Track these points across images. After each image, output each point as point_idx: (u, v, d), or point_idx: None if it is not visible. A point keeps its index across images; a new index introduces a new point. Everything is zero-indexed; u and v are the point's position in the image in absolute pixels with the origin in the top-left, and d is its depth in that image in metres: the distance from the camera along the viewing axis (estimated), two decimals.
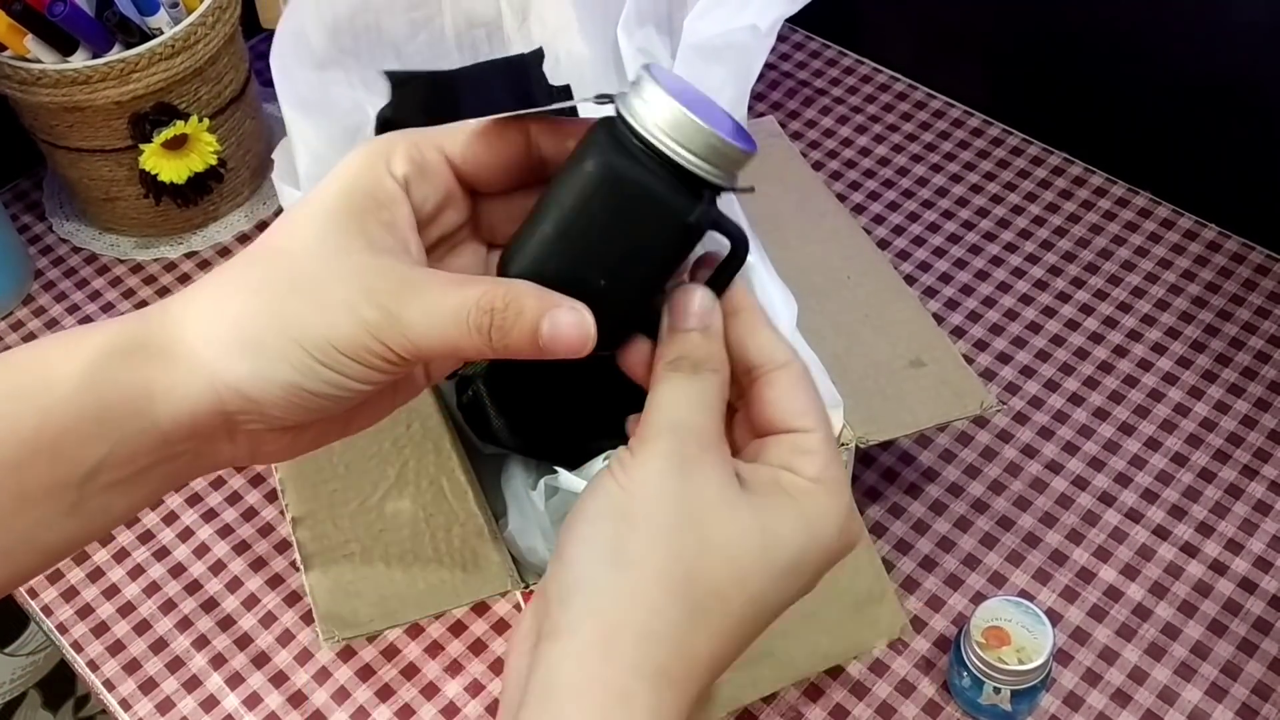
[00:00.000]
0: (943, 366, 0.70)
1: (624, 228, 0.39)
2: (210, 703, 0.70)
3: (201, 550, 0.77)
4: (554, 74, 0.73)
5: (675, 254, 0.40)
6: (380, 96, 0.69)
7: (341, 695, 0.70)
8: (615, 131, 0.39)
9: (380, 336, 0.38)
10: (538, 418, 0.68)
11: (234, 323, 0.38)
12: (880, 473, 0.78)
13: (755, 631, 0.38)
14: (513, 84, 0.73)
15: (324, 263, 0.38)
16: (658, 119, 0.38)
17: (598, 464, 0.65)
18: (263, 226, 0.94)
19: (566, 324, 0.38)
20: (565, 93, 0.75)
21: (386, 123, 0.64)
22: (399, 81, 0.64)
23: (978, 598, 0.72)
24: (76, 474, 0.38)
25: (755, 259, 0.65)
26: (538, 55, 0.75)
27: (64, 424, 0.37)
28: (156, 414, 0.38)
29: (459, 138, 0.42)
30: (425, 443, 0.67)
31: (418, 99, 0.65)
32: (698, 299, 0.40)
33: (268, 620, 0.73)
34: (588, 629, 0.36)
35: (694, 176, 0.39)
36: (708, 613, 0.37)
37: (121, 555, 0.76)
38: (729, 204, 0.72)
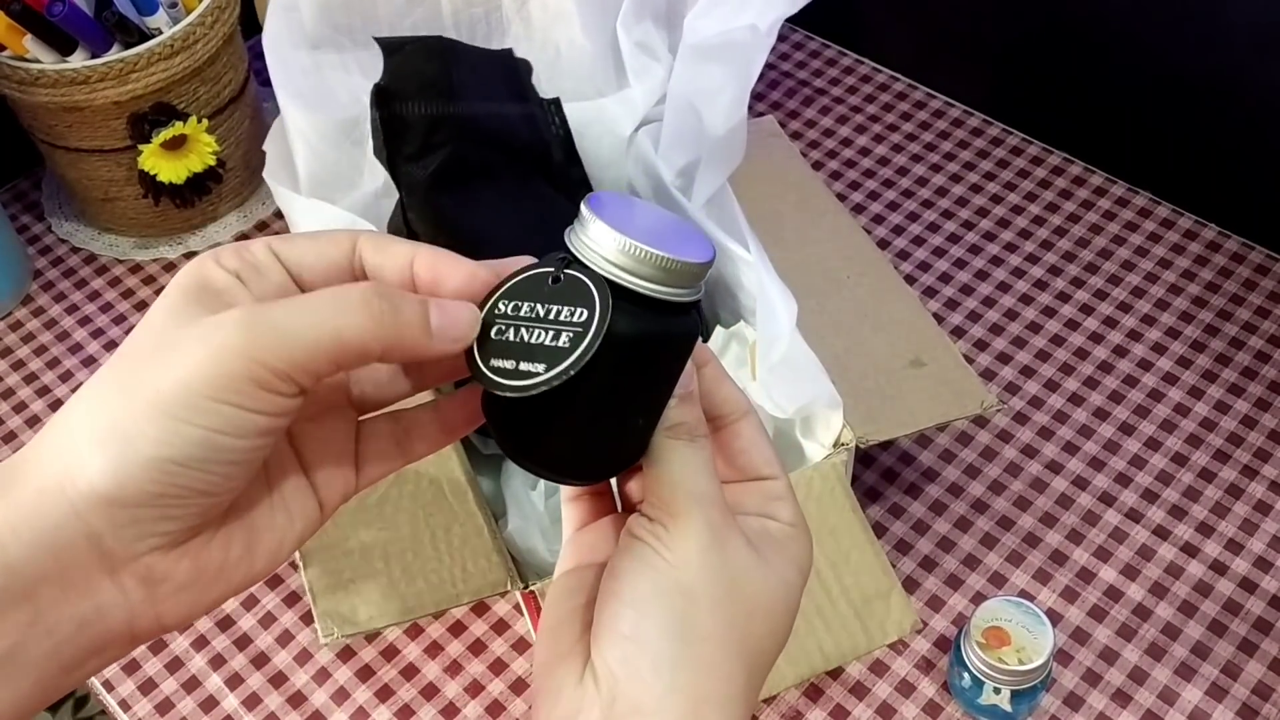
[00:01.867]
0: (943, 366, 0.70)
1: (630, 375, 0.38)
2: (210, 703, 0.70)
3: None
4: (554, 66, 0.73)
5: (672, 371, 0.40)
6: (376, 78, 0.68)
7: (341, 695, 0.70)
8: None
9: (249, 353, 0.33)
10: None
11: (85, 418, 0.34)
12: (880, 473, 0.78)
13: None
14: (509, 77, 0.72)
15: (173, 329, 0.35)
16: (611, 256, 0.36)
17: None
18: (261, 227, 0.94)
19: (454, 308, 0.37)
20: (555, 106, 0.74)
21: (381, 92, 0.63)
22: (391, 48, 0.64)
23: (978, 598, 0.72)
24: None
25: (755, 258, 0.65)
26: (526, 65, 0.75)
27: None
28: (7, 554, 0.32)
29: (286, 239, 0.39)
30: None
31: (410, 66, 0.64)
32: (688, 370, 0.41)
33: (267, 621, 0.73)
34: (674, 704, 0.38)
35: (654, 300, 0.37)
36: (761, 668, 0.41)
37: None
38: (730, 207, 0.72)
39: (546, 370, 0.36)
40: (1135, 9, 0.87)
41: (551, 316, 0.37)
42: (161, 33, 0.83)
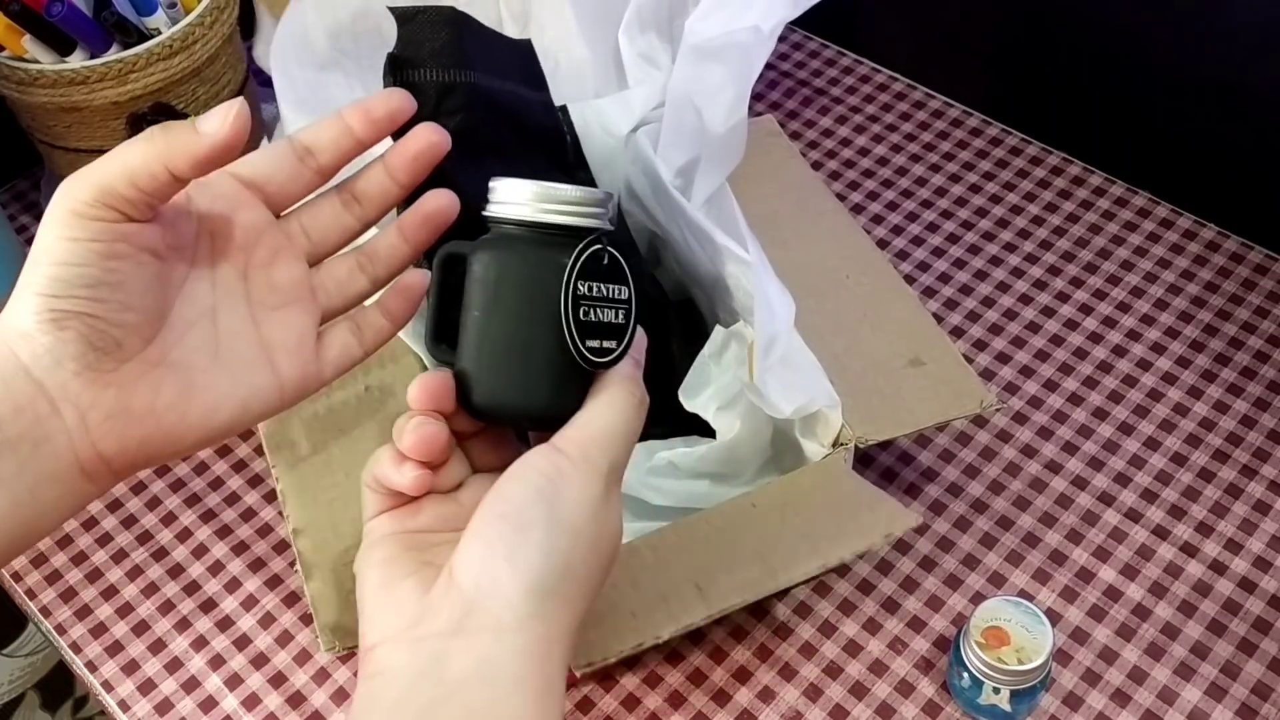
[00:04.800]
0: (942, 365, 0.70)
1: (529, 296, 0.45)
2: (209, 704, 0.70)
3: (200, 551, 0.76)
4: (554, 79, 0.73)
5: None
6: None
7: (340, 696, 0.70)
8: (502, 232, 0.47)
9: (68, 195, 0.42)
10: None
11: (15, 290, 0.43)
12: (880, 473, 0.78)
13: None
14: (528, 64, 0.72)
15: None
16: (526, 197, 0.46)
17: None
18: None
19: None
20: (563, 112, 0.74)
21: (395, 60, 0.63)
22: (405, 18, 0.64)
23: (977, 598, 0.72)
24: None
25: (754, 258, 0.65)
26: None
27: None
28: None
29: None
30: None
31: (423, 34, 0.64)
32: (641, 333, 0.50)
33: (266, 621, 0.73)
34: (532, 629, 0.42)
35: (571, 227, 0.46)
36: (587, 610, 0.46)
37: (120, 556, 0.76)
38: (729, 207, 0.72)
39: (617, 345, 0.45)
40: (1135, 9, 0.87)
41: (610, 295, 0.45)
42: (160, 33, 0.83)
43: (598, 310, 0.45)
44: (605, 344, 0.45)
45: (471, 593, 0.42)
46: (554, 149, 0.72)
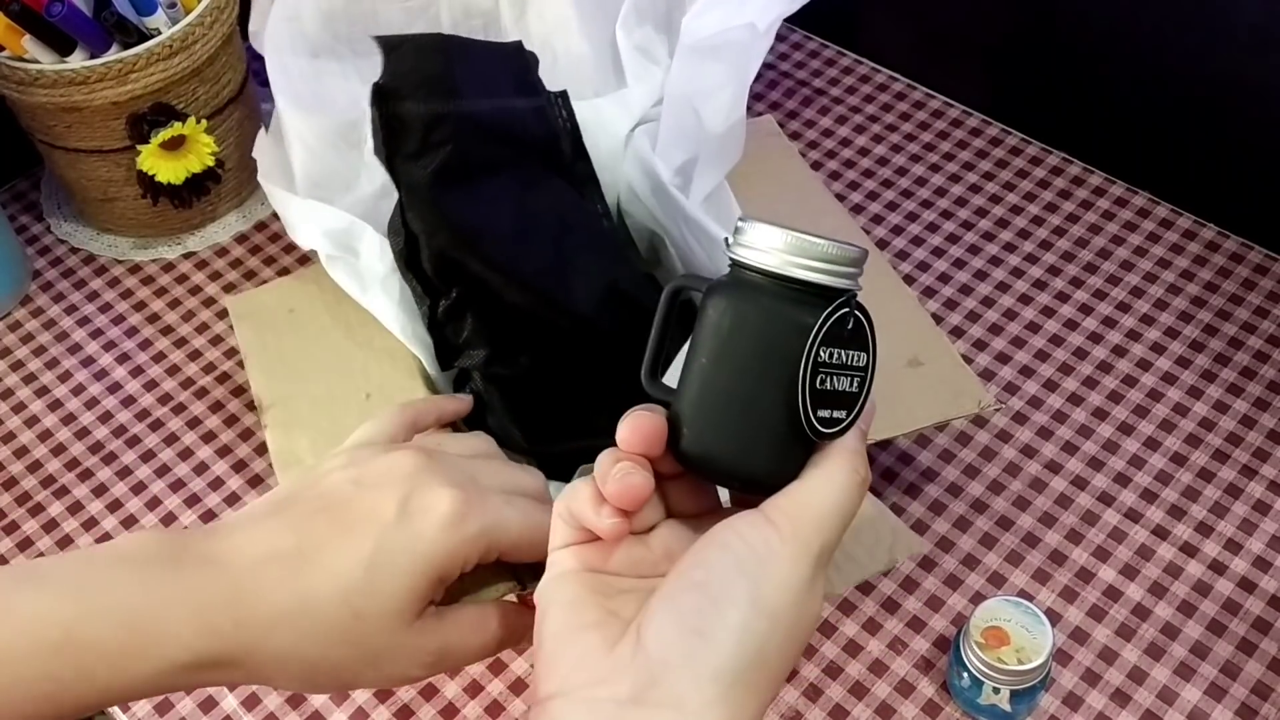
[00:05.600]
0: (941, 366, 0.70)
1: (763, 353, 0.42)
2: (209, 704, 0.70)
3: None
4: (552, 71, 0.73)
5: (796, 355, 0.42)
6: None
7: (340, 695, 0.70)
8: (741, 278, 0.42)
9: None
10: (535, 420, 0.67)
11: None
12: (879, 473, 0.78)
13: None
14: (517, 70, 0.72)
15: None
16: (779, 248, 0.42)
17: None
18: (260, 228, 0.94)
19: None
20: (562, 98, 0.74)
21: (380, 90, 0.63)
22: (391, 46, 0.64)
23: (977, 598, 0.72)
24: None
25: None
26: (534, 58, 0.75)
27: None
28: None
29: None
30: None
31: (409, 64, 0.64)
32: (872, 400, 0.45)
33: None
34: (716, 715, 0.39)
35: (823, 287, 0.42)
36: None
37: None
38: (728, 205, 0.72)
39: (847, 415, 0.42)
40: (1135, 9, 0.87)
41: (849, 362, 0.43)
42: (160, 33, 0.83)
43: (834, 378, 0.42)
44: (835, 414, 0.42)
45: (659, 664, 0.39)
46: (548, 153, 0.71)
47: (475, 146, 0.66)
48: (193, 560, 0.46)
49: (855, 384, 0.43)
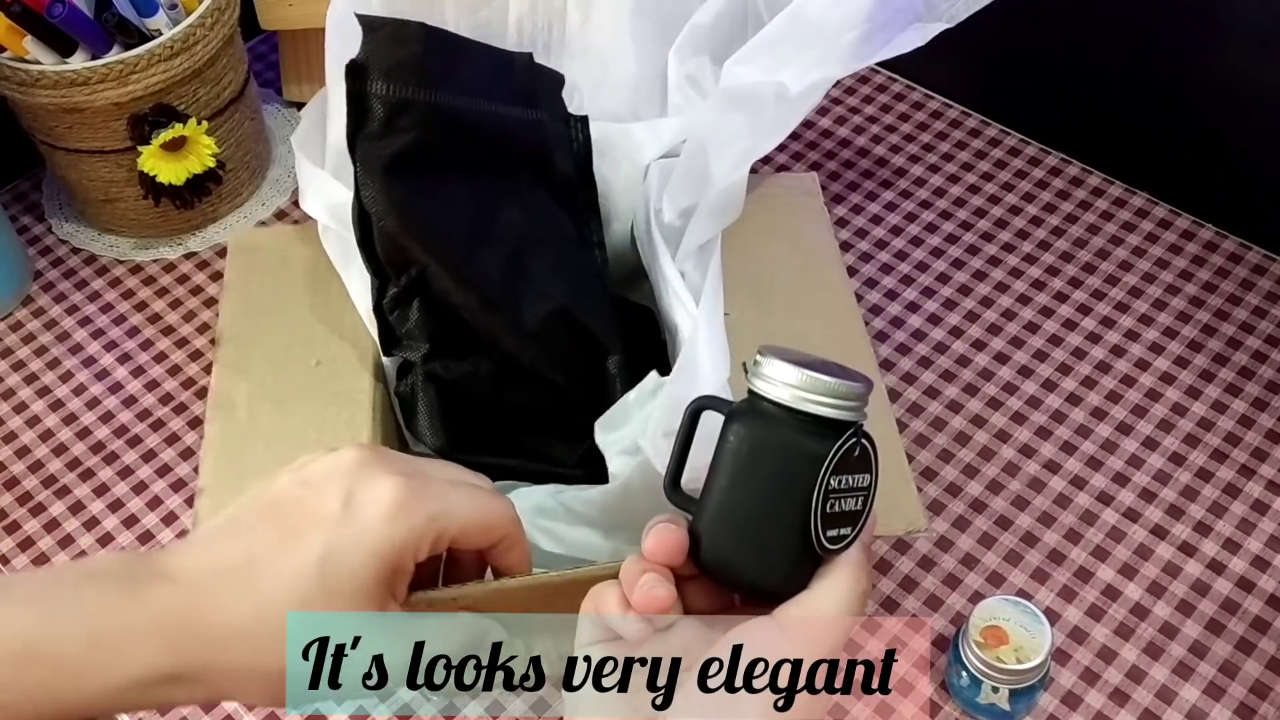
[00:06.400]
0: (886, 476, 0.55)
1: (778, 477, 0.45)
2: (209, 703, 0.70)
3: None
4: (598, 86, 0.72)
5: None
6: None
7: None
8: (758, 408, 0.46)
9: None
10: (463, 428, 0.67)
11: None
12: None
13: None
14: (519, 80, 0.71)
15: None
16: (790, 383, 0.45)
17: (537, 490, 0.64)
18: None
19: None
20: (581, 124, 0.73)
21: (353, 68, 0.63)
22: (372, 27, 0.63)
23: (976, 597, 0.72)
24: None
25: (702, 316, 0.61)
26: (557, 77, 0.73)
27: None
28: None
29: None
30: (349, 432, 0.67)
31: (383, 48, 0.63)
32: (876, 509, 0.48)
33: None
34: None
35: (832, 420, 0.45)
36: None
37: None
38: (710, 261, 0.71)
39: (851, 531, 0.46)
40: (1135, 9, 0.87)
41: (854, 485, 0.46)
42: (161, 34, 0.83)
43: (842, 500, 0.46)
44: (842, 531, 0.46)
45: None
46: (539, 167, 0.70)
47: (443, 140, 0.65)
48: (151, 577, 0.46)
49: (859, 502, 0.46)
